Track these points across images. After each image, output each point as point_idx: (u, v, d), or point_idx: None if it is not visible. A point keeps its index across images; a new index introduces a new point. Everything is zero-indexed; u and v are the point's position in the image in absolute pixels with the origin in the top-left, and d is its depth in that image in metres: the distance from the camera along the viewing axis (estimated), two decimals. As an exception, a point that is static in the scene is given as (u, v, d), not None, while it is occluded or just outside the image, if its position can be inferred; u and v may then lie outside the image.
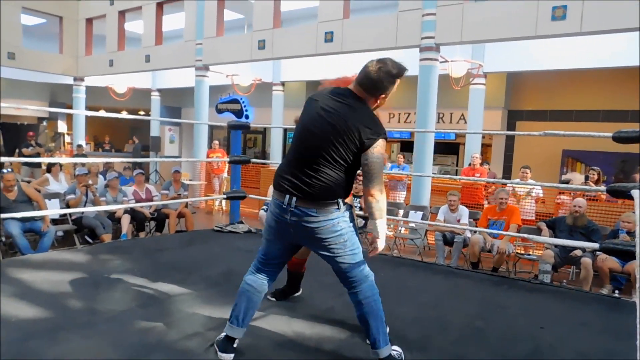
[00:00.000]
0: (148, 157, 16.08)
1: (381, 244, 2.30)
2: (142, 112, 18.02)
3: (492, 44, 9.55)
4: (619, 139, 3.14)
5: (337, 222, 2.21)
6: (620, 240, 4.99)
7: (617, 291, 5.27)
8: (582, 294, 3.87)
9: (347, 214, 2.25)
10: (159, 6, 12.42)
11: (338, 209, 2.21)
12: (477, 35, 7.75)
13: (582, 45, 8.86)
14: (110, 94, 14.98)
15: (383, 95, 2.25)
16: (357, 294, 2.27)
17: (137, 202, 6.83)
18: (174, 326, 2.68)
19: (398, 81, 2.25)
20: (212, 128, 15.98)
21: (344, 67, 11.54)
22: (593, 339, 2.81)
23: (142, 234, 6.76)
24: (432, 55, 8.01)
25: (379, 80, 2.19)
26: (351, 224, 2.27)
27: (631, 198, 2.92)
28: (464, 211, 6.41)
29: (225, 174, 10.90)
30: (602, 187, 3.34)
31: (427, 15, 7.93)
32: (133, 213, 6.69)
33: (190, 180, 11.18)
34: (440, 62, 8.39)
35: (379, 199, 2.21)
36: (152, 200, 6.95)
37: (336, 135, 2.16)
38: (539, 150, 11.81)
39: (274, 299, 3.14)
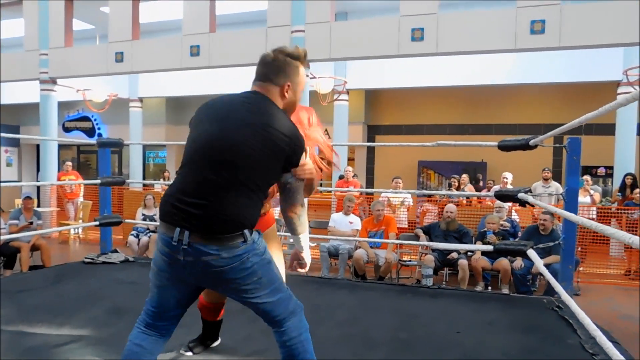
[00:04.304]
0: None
1: (307, 258, 2.10)
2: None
3: (352, 62, 10.06)
4: (503, 147, 3.44)
5: (245, 258, 1.77)
6: (489, 239, 5.52)
7: (489, 287, 5.83)
8: (478, 294, 4.15)
9: (257, 244, 1.83)
10: (-10, 10, 10.89)
11: (245, 241, 1.77)
12: (345, 53, 8.08)
13: (433, 65, 9.76)
14: None
15: (289, 83, 1.91)
16: (282, 333, 1.90)
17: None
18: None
19: (301, 67, 1.96)
20: (59, 148, 14.42)
21: (209, 82, 11.32)
22: (507, 337, 2.96)
23: (-14, 274, 5.75)
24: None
25: (277, 62, 1.91)
26: (264, 255, 1.85)
27: (517, 201, 3.20)
28: (356, 218, 6.58)
29: (80, 199, 9.85)
30: (490, 193, 3.63)
31: (296, 32, 8.06)
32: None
33: (37, 207, 9.88)
34: (309, 79, 8.58)
35: (301, 214, 1.98)
36: None
37: (248, 147, 1.76)
38: (397, 162, 12.64)
39: (189, 354, 2.58)
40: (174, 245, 1.76)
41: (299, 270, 2.16)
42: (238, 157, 1.77)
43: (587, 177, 8.19)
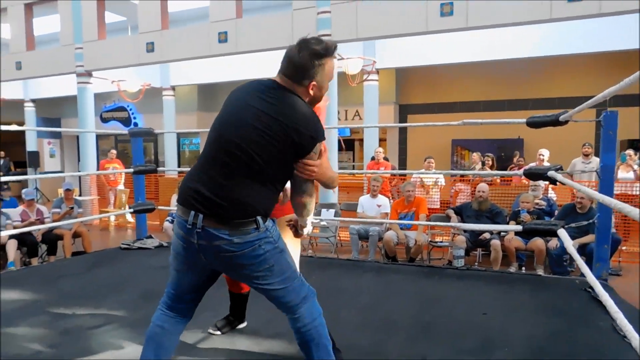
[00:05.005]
0: (25, 174, 14.49)
1: (308, 230, 2.12)
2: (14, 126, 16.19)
3: (381, 40, 9.88)
4: (532, 124, 3.32)
5: (257, 245, 1.79)
6: (523, 219, 5.39)
7: (522, 268, 5.70)
8: (506, 275, 4.06)
9: (271, 232, 1.84)
10: (28, 7, 11.20)
11: (257, 228, 1.78)
12: (372, 32, 7.93)
13: (463, 41, 9.48)
14: (-27, 106, 13.28)
15: (313, 82, 1.85)
16: (295, 320, 1.92)
17: (28, 225, 6.06)
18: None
19: (328, 62, 1.87)
20: (97, 139, 14.85)
21: (239, 68, 11.36)
22: (534, 319, 2.89)
23: (34, 261, 6.01)
24: (331, 53, 8.05)
25: (301, 62, 1.82)
26: (277, 244, 1.87)
27: (547, 179, 3.10)
28: (384, 200, 6.51)
29: (121, 186, 10.14)
30: (519, 172, 3.53)
31: (322, 13, 7.96)
32: (22, 237, 5.92)
33: (79, 196, 10.25)
34: (337, 60, 8.48)
35: (308, 203, 1.99)
36: (43, 222, 6.21)
37: (262, 136, 1.77)
38: (430, 141, 12.44)
39: (217, 333, 2.69)
40: (188, 228, 1.80)
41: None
42: (250, 143, 1.78)
43: (630, 152, 7.83)
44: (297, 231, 2.15)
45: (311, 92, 1.89)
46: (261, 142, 1.78)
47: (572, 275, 5.04)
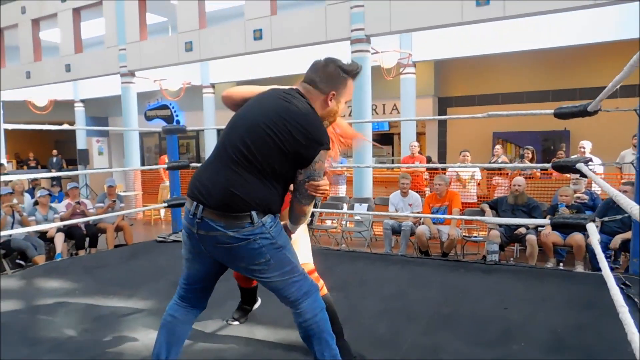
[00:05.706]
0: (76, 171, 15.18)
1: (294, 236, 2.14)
2: (66, 125, 16.98)
3: (418, 33, 9.73)
4: (560, 115, 3.22)
5: (252, 239, 1.83)
6: (561, 213, 5.22)
7: (561, 264, 5.52)
8: (535, 270, 3.97)
9: (267, 228, 1.85)
10: (76, 12, 11.72)
11: (251, 223, 1.82)
12: (406, 25, 7.84)
13: (504, 30, 9.19)
14: (29, 107, 13.98)
15: (333, 93, 1.94)
16: (297, 315, 1.95)
17: (72, 215, 6.39)
18: (129, 349, 2.47)
19: (350, 82, 1.99)
20: (142, 136, 15.34)
21: (275, 65, 11.45)
22: (559, 313, 2.83)
23: (81, 252, 6.32)
24: (364, 47, 8.04)
25: (328, 71, 1.94)
26: (275, 239, 1.88)
27: (577, 171, 3.01)
28: (416, 198, 6.43)
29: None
30: (548, 165, 3.44)
31: (356, 7, 7.94)
32: (70, 230, 6.24)
33: (124, 191, 10.65)
34: (372, 54, 8.45)
35: (309, 212, 2.02)
36: (86, 214, 6.52)
37: (267, 134, 1.82)
38: (471, 134, 12.17)
39: (236, 323, 2.79)
40: (190, 218, 1.88)
41: None
42: (254, 141, 1.84)
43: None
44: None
45: (330, 102, 1.96)
46: (265, 140, 1.83)
47: (616, 272, 4.83)
